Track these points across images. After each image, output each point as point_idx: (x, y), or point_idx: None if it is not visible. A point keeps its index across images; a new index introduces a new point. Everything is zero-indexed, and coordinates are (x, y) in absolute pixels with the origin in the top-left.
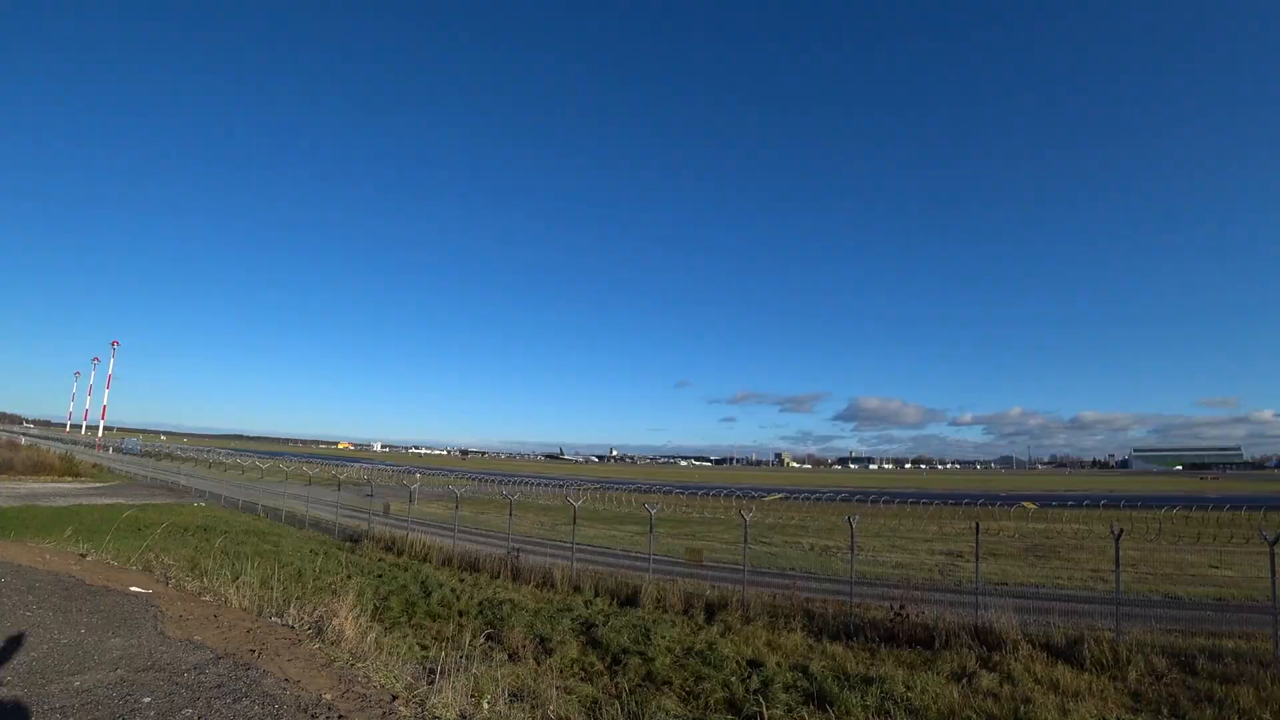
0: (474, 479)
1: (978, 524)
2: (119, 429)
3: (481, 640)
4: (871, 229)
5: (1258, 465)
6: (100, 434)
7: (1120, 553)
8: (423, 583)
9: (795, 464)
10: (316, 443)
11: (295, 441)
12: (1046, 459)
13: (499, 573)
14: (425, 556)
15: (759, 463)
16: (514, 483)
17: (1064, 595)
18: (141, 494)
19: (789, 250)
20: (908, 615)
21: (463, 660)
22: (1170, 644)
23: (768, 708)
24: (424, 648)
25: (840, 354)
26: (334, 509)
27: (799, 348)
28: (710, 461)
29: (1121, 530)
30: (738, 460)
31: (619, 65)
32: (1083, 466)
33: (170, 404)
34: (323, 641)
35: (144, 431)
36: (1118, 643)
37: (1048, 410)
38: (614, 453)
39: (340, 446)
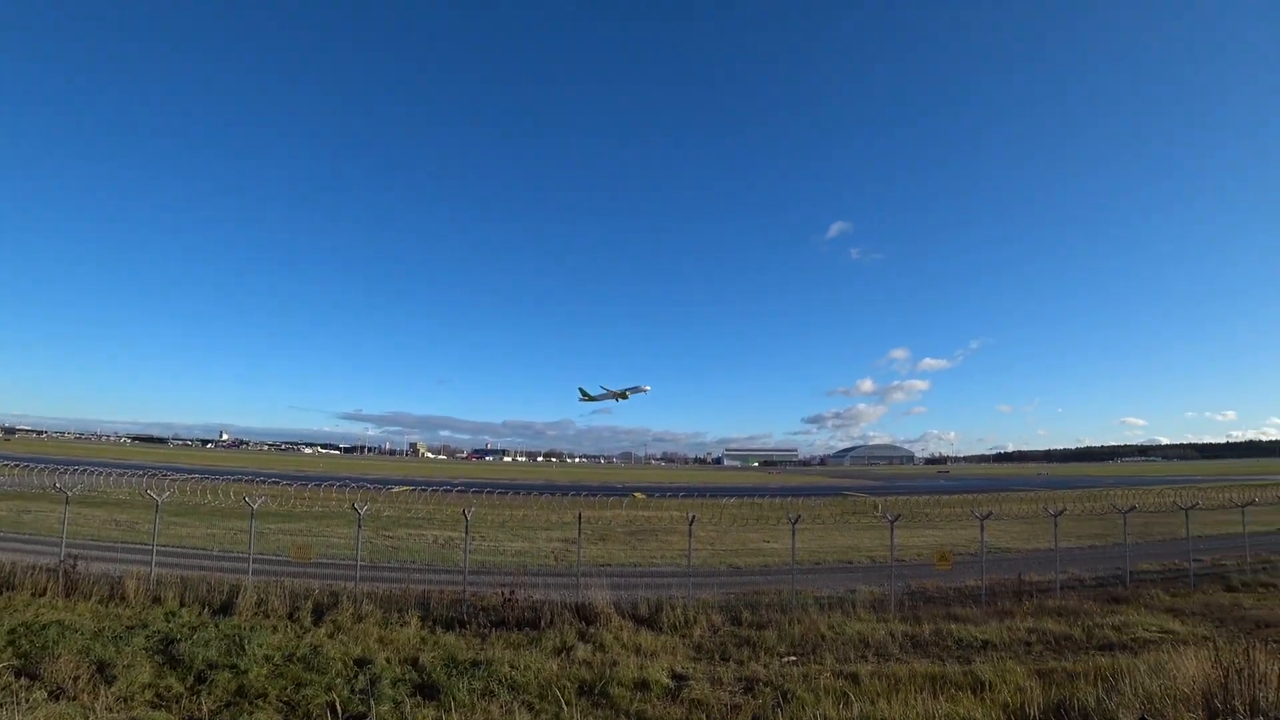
0: (20, 465)
1: (580, 514)
2: None
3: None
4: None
5: (806, 463)
6: None
7: (696, 534)
8: None
9: (430, 454)
10: None
11: None
12: (659, 455)
13: (45, 589)
14: None
15: (392, 452)
16: (82, 471)
17: (655, 572)
18: None
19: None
20: (517, 599)
21: None
22: (726, 604)
23: (375, 705)
24: None
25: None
26: None
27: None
28: (339, 449)
29: (694, 516)
30: (369, 449)
31: None
32: (687, 462)
33: None
34: None
35: None
36: (688, 607)
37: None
38: (224, 436)
39: None
